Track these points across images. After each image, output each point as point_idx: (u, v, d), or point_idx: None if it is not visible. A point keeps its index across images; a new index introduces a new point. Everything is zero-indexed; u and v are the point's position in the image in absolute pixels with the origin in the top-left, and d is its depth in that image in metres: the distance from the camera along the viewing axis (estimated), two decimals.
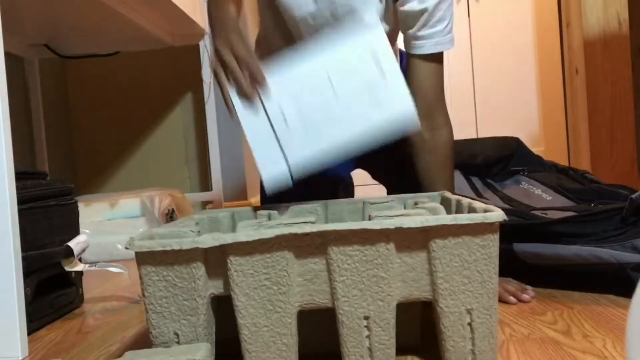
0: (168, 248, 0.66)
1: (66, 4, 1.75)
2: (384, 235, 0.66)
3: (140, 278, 0.68)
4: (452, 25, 1.13)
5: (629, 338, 0.44)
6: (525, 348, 0.75)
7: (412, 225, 0.65)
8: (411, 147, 1.17)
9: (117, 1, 1.72)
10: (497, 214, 0.66)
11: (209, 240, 0.66)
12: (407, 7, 1.11)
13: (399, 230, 0.66)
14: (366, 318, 0.67)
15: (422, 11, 1.10)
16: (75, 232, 1.19)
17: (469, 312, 0.67)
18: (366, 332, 0.67)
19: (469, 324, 0.67)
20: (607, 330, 0.80)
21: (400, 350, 0.72)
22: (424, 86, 1.14)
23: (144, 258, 0.68)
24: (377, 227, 0.65)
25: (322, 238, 0.66)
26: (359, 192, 1.37)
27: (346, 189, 1.40)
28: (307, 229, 0.66)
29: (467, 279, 0.66)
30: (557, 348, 0.74)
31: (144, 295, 0.69)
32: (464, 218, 0.66)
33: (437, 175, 1.13)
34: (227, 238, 0.66)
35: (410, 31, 1.13)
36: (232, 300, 0.67)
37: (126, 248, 0.68)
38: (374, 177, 1.48)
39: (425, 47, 1.12)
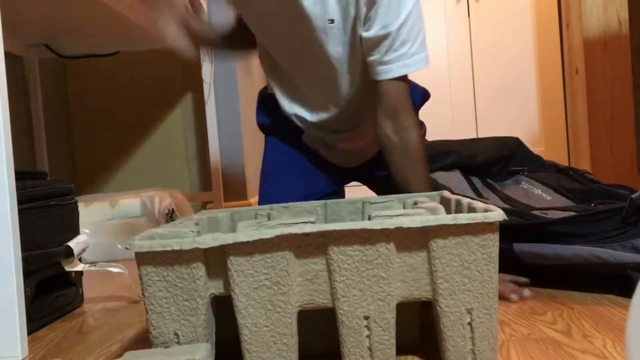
0: (168, 248, 0.66)
1: (66, 4, 1.75)
2: (384, 235, 0.66)
3: (140, 278, 0.68)
4: (418, 46, 1.12)
5: (629, 338, 0.44)
6: (525, 348, 0.75)
7: (412, 225, 0.65)
8: (383, 151, 1.17)
9: (117, 1, 1.72)
10: (497, 214, 0.66)
11: (209, 240, 0.66)
12: (372, 33, 1.10)
13: (399, 230, 0.65)
14: (366, 318, 0.67)
15: (385, 36, 1.09)
16: (75, 232, 1.19)
17: (469, 311, 0.67)
18: (366, 332, 0.67)
19: (469, 324, 0.67)
20: (607, 330, 0.80)
21: (400, 350, 0.72)
22: (389, 91, 1.14)
23: (144, 258, 0.68)
24: (378, 227, 0.65)
25: (323, 238, 0.66)
26: (358, 193, 1.37)
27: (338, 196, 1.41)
28: (308, 229, 0.66)
29: (467, 279, 0.66)
30: (557, 348, 0.74)
31: (143, 295, 0.69)
32: (464, 218, 0.66)
33: (410, 175, 1.13)
34: (228, 238, 0.66)
35: (376, 57, 1.12)
36: (232, 301, 0.67)
37: (126, 248, 0.68)
38: (370, 187, 1.49)
39: (393, 71, 1.12)
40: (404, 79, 1.15)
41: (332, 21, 1.13)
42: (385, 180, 1.38)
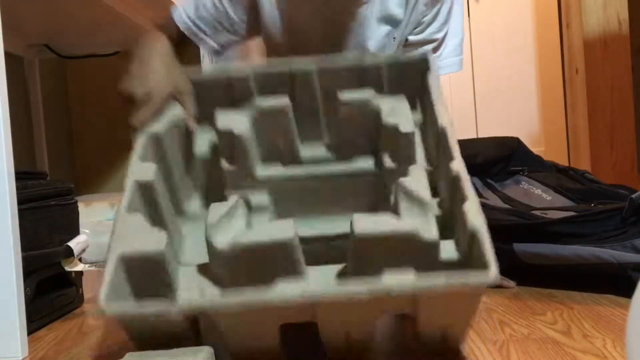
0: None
1: (66, 4, 1.75)
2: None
3: None
4: (453, 49, 1.13)
5: (629, 338, 0.44)
6: (525, 348, 0.75)
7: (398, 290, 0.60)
8: None
9: (117, 1, 1.72)
10: (489, 277, 0.60)
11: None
12: (421, 37, 1.10)
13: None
14: None
15: (432, 41, 1.10)
16: (75, 232, 1.18)
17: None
18: None
19: None
20: (607, 330, 0.80)
21: None
22: None
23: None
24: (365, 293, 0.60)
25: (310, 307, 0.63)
26: None
27: None
28: (291, 300, 0.62)
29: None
30: (557, 348, 0.74)
31: None
32: (457, 281, 0.60)
33: None
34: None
35: None
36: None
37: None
38: None
39: None
40: None
41: (394, 38, 1.10)
42: None
